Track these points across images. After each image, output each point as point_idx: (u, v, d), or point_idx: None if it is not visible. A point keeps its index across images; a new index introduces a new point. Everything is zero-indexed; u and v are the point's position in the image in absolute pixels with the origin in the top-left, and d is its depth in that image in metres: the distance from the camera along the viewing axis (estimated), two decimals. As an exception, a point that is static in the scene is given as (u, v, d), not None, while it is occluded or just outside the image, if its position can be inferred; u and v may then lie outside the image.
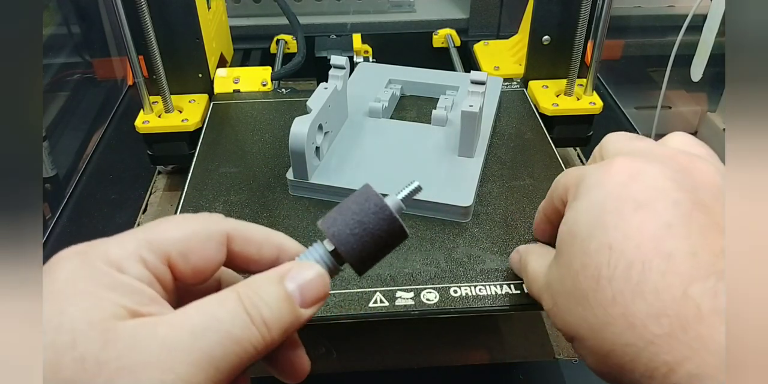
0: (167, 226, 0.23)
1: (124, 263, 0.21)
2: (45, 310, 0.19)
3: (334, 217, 0.25)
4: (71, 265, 0.21)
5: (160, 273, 0.22)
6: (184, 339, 0.20)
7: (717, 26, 0.73)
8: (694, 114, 1.00)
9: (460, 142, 0.50)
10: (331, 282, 0.25)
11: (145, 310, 0.21)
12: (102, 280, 0.21)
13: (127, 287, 0.21)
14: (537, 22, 0.63)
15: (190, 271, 0.23)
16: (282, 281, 0.23)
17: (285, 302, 0.22)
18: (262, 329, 0.21)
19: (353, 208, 0.25)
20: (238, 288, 0.22)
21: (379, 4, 0.89)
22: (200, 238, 0.23)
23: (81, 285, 0.20)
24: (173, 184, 0.68)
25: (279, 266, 0.24)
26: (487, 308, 0.39)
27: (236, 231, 0.25)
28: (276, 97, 0.63)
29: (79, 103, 0.85)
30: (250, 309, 0.21)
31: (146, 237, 0.22)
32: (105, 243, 0.22)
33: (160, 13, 0.58)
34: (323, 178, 0.48)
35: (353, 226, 0.24)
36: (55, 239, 0.60)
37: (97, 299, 0.20)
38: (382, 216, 0.25)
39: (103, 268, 0.21)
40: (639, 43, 1.00)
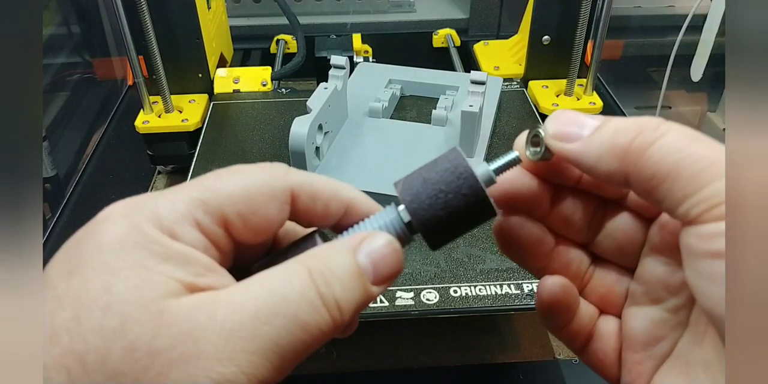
0: (225, 182, 0.21)
1: (176, 228, 0.19)
2: (91, 286, 0.17)
3: (412, 182, 0.22)
4: (119, 231, 0.18)
5: (215, 236, 0.20)
6: (247, 324, 0.17)
7: (717, 26, 0.73)
8: (694, 114, 1.00)
9: (460, 142, 0.50)
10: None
11: (202, 282, 0.18)
12: (153, 248, 0.18)
13: (181, 256, 0.19)
14: (537, 22, 0.63)
15: (249, 233, 0.21)
16: (354, 253, 0.20)
17: (357, 279, 0.19)
18: (335, 312, 0.18)
19: (435, 174, 0.21)
20: (308, 261, 0.19)
21: (379, 4, 0.89)
22: (262, 198, 0.21)
23: (130, 255, 0.18)
24: (173, 184, 0.67)
25: (350, 236, 0.21)
26: (487, 308, 0.39)
27: (301, 186, 0.22)
28: (276, 97, 0.63)
29: (79, 103, 0.85)
30: (321, 288, 0.18)
31: (201, 196, 0.20)
32: (154, 201, 0.20)
33: (160, 13, 0.58)
34: (323, 178, 0.48)
35: (432, 195, 0.21)
36: (55, 239, 0.60)
37: (148, 273, 0.18)
38: (467, 189, 0.21)
39: (153, 234, 0.19)
40: (639, 43, 1.00)
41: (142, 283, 0.17)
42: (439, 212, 0.21)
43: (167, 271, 0.18)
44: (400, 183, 0.22)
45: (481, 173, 0.21)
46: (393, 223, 0.22)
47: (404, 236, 0.22)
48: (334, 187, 0.22)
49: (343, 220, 0.23)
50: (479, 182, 0.21)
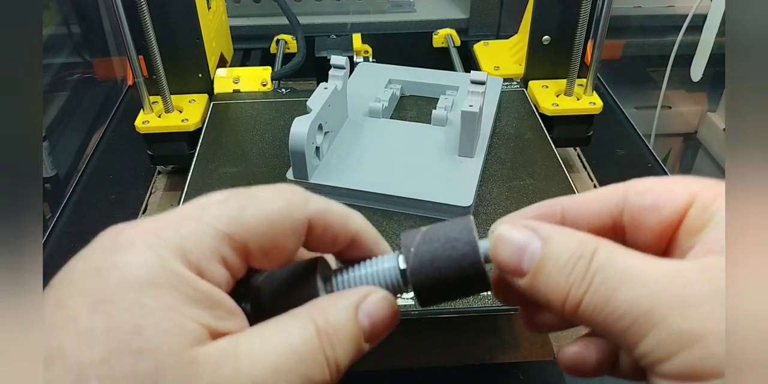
0: (248, 213, 0.20)
1: (203, 264, 0.19)
2: (121, 326, 0.17)
3: (420, 251, 0.22)
4: (144, 264, 0.18)
5: (237, 269, 0.20)
6: (268, 379, 0.18)
7: (717, 26, 0.73)
8: (694, 114, 1.00)
9: (460, 142, 0.50)
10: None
11: (224, 327, 0.19)
12: (182, 289, 0.18)
13: (209, 300, 0.19)
14: (537, 22, 0.63)
15: (266, 263, 0.21)
16: (357, 312, 0.21)
17: (355, 340, 0.21)
18: (333, 372, 0.20)
19: (444, 251, 0.22)
20: (317, 319, 0.20)
21: (379, 4, 0.89)
22: (284, 231, 0.21)
23: (159, 295, 0.18)
24: (173, 184, 0.68)
25: (354, 291, 0.22)
26: (487, 308, 0.39)
27: (318, 218, 0.22)
28: (276, 97, 0.63)
29: (79, 103, 0.85)
30: (327, 350, 0.20)
31: (227, 230, 0.20)
32: (178, 232, 0.19)
33: (160, 13, 0.58)
34: (323, 178, 0.48)
35: (436, 271, 0.22)
36: (55, 239, 0.60)
37: (179, 318, 0.18)
38: (471, 271, 0.22)
39: (181, 272, 0.18)
40: (639, 43, 1.00)
41: (173, 329, 0.17)
42: (439, 288, 0.22)
43: (195, 315, 0.18)
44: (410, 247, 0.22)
45: (485, 251, 0.22)
46: (394, 276, 0.23)
47: (399, 288, 0.23)
48: (345, 218, 0.23)
49: (346, 250, 0.24)
50: (485, 272, 0.22)
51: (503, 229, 0.22)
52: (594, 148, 0.69)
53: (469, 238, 0.22)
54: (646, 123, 0.89)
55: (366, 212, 0.47)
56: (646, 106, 0.95)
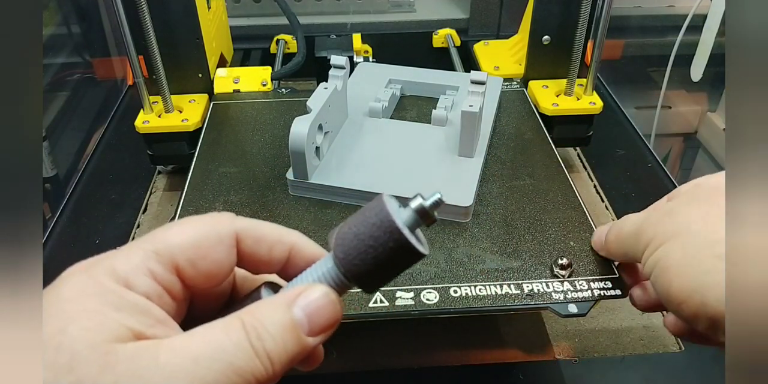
0: (173, 231, 0.22)
1: (131, 278, 0.21)
2: (47, 328, 0.19)
3: (342, 235, 0.23)
4: (77, 282, 0.20)
5: (169, 283, 0.22)
6: (186, 367, 0.19)
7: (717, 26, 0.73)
8: (694, 114, 1.00)
9: (460, 142, 0.50)
10: (342, 299, 0.23)
11: (150, 333, 0.20)
12: (108, 298, 0.20)
13: (134, 307, 0.20)
14: (537, 22, 0.63)
15: (200, 278, 0.22)
16: (290, 308, 0.21)
17: (290, 332, 0.21)
18: (266, 362, 0.20)
19: (364, 227, 0.22)
20: (243, 316, 0.21)
21: (379, 4, 0.89)
22: (209, 243, 0.22)
23: (86, 303, 0.20)
24: (173, 184, 0.68)
25: (288, 291, 0.22)
26: (487, 308, 0.39)
27: (246, 231, 0.23)
28: (276, 97, 0.63)
29: (79, 103, 0.85)
30: (254, 340, 0.20)
31: (153, 247, 0.22)
32: (111, 257, 0.21)
33: (160, 13, 0.58)
34: (323, 178, 0.48)
35: (362, 251, 0.22)
36: (55, 239, 0.60)
37: (101, 319, 0.19)
38: (393, 242, 0.22)
39: (109, 284, 0.20)
40: (639, 43, 1.00)
41: (93, 327, 0.19)
42: (370, 266, 0.22)
43: (119, 318, 0.20)
44: (333, 237, 0.23)
45: (407, 220, 0.22)
46: (330, 273, 0.23)
47: (342, 285, 0.23)
48: (278, 232, 0.24)
49: (288, 265, 0.25)
50: (404, 235, 0.22)
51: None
52: (594, 148, 0.69)
53: (377, 203, 0.23)
54: (646, 123, 0.89)
55: (366, 212, 0.47)
56: (646, 106, 0.95)
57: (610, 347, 0.49)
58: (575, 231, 0.45)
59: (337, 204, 0.48)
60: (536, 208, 0.47)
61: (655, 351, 0.49)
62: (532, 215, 0.46)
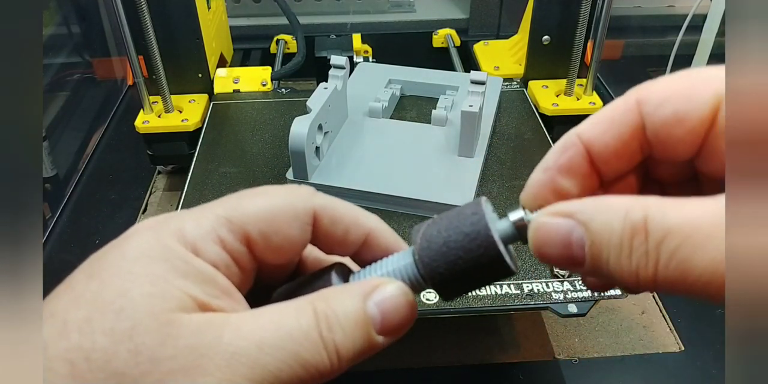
0: (249, 201, 0.21)
1: (199, 244, 0.20)
2: (108, 289, 0.18)
3: (430, 237, 0.21)
4: (143, 242, 0.19)
5: (238, 254, 0.20)
6: (251, 351, 0.18)
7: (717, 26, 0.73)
8: (694, 114, 1.00)
9: (460, 142, 0.50)
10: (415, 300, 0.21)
11: (215, 304, 0.19)
12: (174, 263, 0.19)
13: (200, 274, 0.19)
14: (537, 22, 0.63)
15: (270, 252, 0.21)
16: (365, 301, 0.20)
17: (362, 328, 0.19)
18: (333, 356, 0.19)
19: (455, 232, 0.21)
20: (316, 302, 0.19)
21: (379, 4, 0.89)
22: (285, 217, 0.21)
23: (150, 266, 0.18)
24: (173, 184, 0.68)
25: (364, 281, 0.21)
26: (487, 308, 0.39)
27: (324, 209, 0.22)
28: (276, 97, 0.63)
29: (79, 103, 0.85)
30: (324, 331, 0.19)
31: (226, 213, 0.20)
32: (181, 218, 0.20)
33: (160, 13, 0.58)
34: (323, 178, 0.48)
35: (449, 256, 0.20)
36: (55, 239, 0.60)
37: (165, 285, 0.18)
38: (485, 254, 0.20)
39: (177, 248, 0.19)
40: (639, 43, 1.00)
41: (157, 293, 0.18)
42: (455, 276, 0.21)
43: (184, 286, 0.19)
44: (420, 234, 0.21)
45: (503, 233, 0.20)
46: (409, 270, 0.21)
47: (419, 285, 0.21)
48: (355, 214, 0.23)
49: (362, 250, 0.23)
50: (500, 251, 0.20)
51: (537, 224, 0.19)
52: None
53: (475, 209, 0.21)
54: (646, 123, 0.88)
55: (366, 212, 0.47)
56: (646, 106, 0.94)
57: (610, 347, 0.49)
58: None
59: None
60: (536, 208, 0.47)
61: (655, 351, 0.49)
62: (532, 215, 0.46)
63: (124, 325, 0.17)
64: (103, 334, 0.17)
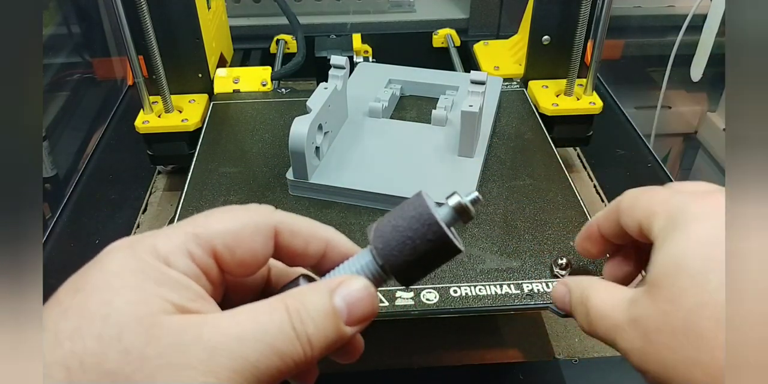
0: (214, 218, 0.23)
1: (171, 257, 0.22)
2: (93, 300, 0.20)
3: (381, 228, 0.24)
4: (120, 258, 0.21)
5: (206, 266, 0.22)
6: (230, 344, 0.19)
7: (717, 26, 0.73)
8: (694, 114, 1.00)
9: (460, 142, 0.50)
10: (377, 292, 0.24)
11: (192, 307, 0.21)
12: (150, 273, 0.21)
13: (175, 282, 0.21)
14: (537, 22, 0.63)
15: (236, 265, 0.23)
16: (331, 295, 0.22)
17: (331, 319, 0.22)
18: (306, 346, 0.21)
19: (403, 220, 0.23)
20: (287, 299, 0.22)
21: (379, 4, 0.89)
22: (248, 232, 0.23)
23: (129, 278, 0.20)
24: (173, 184, 0.68)
25: (329, 279, 0.23)
26: (487, 308, 0.39)
27: (284, 224, 0.24)
28: (276, 97, 0.63)
29: (79, 103, 0.85)
30: (296, 324, 0.21)
31: (194, 230, 0.22)
32: (153, 236, 0.22)
33: (160, 13, 0.58)
34: (323, 178, 0.48)
35: (401, 242, 0.23)
36: (55, 239, 0.60)
37: (144, 293, 0.20)
38: (432, 235, 0.23)
39: (151, 261, 0.21)
40: (639, 43, 1.00)
41: (138, 301, 0.20)
42: (408, 257, 0.23)
43: (161, 292, 0.20)
44: (372, 229, 0.24)
45: (444, 216, 0.23)
46: (368, 266, 0.24)
47: (380, 278, 0.24)
48: (312, 227, 0.25)
49: (323, 260, 0.25)
50: (442, 228, 0.23)
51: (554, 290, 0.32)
52: (594, 148, 0.69)
53: (417, 200, 0.23)
54: (646, 123, 0.89)
55: (366, 212, 0.47)
56: (646, 106, 0.95)
57: (610, 347, 0.49)
58: (575, 231, 0.44)
59: (337, 204, 0.48)
60: (536, 208, 0.47)
61: (655, 351, 0.49)
62: (532, 215, 0.46)
63: (111, 330, 0.19)
64: (93, 339, 0.19)
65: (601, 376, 0.47)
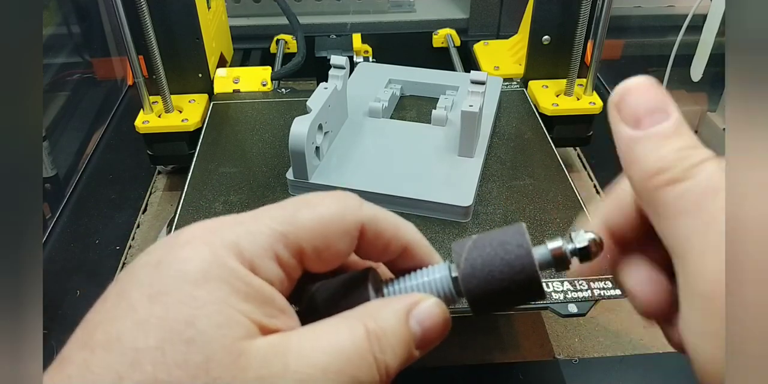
0: (303, 215, 0.21)
1: (257, 261, 0.20)
2: (174, 316, 0.18)
3: (473, 258, 0.22)
4: (200, 258, 0.19)
5: (291, 268, 0.21)
6: (317, 377, 0.18)
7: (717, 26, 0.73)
8: (694, 114, 1.00)
9: (460, 142, 0.50)
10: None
11: (273, 325, 0.19)
12: (235, 284, 0.19)
13: (260, 296, 0.19)
14: (537, 22, 0.63)
15: (320, 265, 0.22)
16: (408, 318, 0.21)
17: (407, 346, 0.21)
18: (383, 375, 0.20)
19: (498, 259, 0.22)
20: (366, 321, 0.20)
21: (379, 4, 0.89)
22: (337, 233, 0.21)
23: (214, 290, 0.19)
24: (173, 184, 0.68)
25: (406, 297, 0.22)
26: (487, 308, 0.39)
27: (370, 223, 0.22)
28: (276, 97, 0.63)
29: (79, 103, 0.85)
30: (376, 352, 0.20)
31: (281, 229, 0.21)
32: (235, 230, 0.20)
33: (160, 13, 0.58)
34: (323, 178, 0.48)
35: (492, 280, 0.21)
36: (55, 239, 0.60)
37: (230, 312, 0.19)
38: (527, 284, 0.21)
39: (236, 268, 0.19)
40: (639, 43, 1.00)
41: (224, 322, 0.18)
42: (493, 300, 0.22)
43: (245, 310, 0.19)
44: (462, 257, 0.22)
45: (541, 261, 0.22)
46: (444, 284, 0.23)
47: (452, 299, 0.23)
48: (396, 227, 0.23)
49: (397, 259, 0.24)
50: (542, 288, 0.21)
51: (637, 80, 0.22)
52: (594, 148, 0.69)
53: (521, 241, 0.22)
54: (646, 123, 0.88)
55: (366, 212, 0.47)
56: (646, 106, 0.94)
57: (610, 347, 0.49)
58: (575, 231, 0.45)
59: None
60: (536, 208, 0.47)
61: (655, 351, 0.49)
62: (532, 215, 0.46)
63: (197, 357, 0.17)
64: (178, 368, 0.17)
65: (601, 376, 0.47)
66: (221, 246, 0.20)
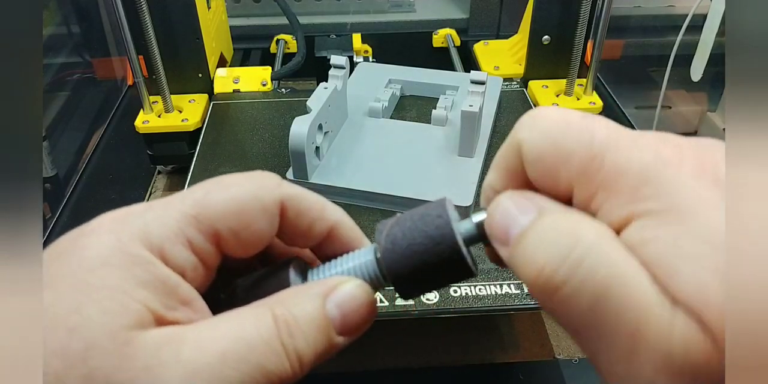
0: (215, 196, 0.20)
1: (167, 246, 0.19)
2: (62, 303, 0.17)
3: (394, 234, 0.21)
4: (104, 247, 0.18)
5: (205, 254, 0.20)
6: (213, 365, 0.17)
7: (717, 26, 0.73)
8: (694, 114, 1.00)
9: (460, 142, 0.50)
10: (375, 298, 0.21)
11: (171, 316, 0.18)
12: (134, 270, 0.18)
13: (161, 285, 0.18)
14: (537, 22, 0.63)
15: (240, 248, 0.20)
16: (323, 302, 0.19)
17: (323, 331, 0.19)
18: (294, 363, 0.18)
19: (417, 226, 0.20)
20: (274, 307, 0.19)
21: (379, 4, 0.89)
22: (253, 212, 0.20)
23: (109, 276, 0.17)
24: (173, 184, 0.68)
25: (323, 281, 0.20)
26: (487, 308, 0.39)
27: (291, 201, 0.21)
28: (276, 97, 0.63)
29: (79, 103, 0.85)
30: (284, 338, 0.18)
31: (193, 211, 0.19)
32: (144, 216, 0.19)
33: (160, 13, 0.58)
34: (323, 178, 0.48)
35: (409, 247, 0.20)
36: (55, 239, 0.60)
37: (123, 298, 0.17)
38: (445, 248, 0.20)
39: (141, 254, 0.18)
40: (639, 43, 1.00)
41: (114, 309, 0.17)
42: (418, 277, 0.20)
43: (143, 298, 0.18)
44: (384, 228, 0.21)
45: (465, 232, 0.20)
46: (369, 267, 0.21)
47: (378, 283, 0.21)
48: (322, 206, 0.22)
49: (324, 243, 0.23)
50: (461, 249, 0.20)
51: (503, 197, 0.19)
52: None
53: (440, 212, 0.21)
54: (646, 123, 0.88)
55: (366, 212, 0.47)
56: (646, 106, 0.95)
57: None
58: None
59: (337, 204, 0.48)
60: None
61: (655, 351, 0.49)
62: (532, 215, 0.46)
63: (77, 345, 0.16)
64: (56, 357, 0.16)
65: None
66: (127, 232, 0.19)
